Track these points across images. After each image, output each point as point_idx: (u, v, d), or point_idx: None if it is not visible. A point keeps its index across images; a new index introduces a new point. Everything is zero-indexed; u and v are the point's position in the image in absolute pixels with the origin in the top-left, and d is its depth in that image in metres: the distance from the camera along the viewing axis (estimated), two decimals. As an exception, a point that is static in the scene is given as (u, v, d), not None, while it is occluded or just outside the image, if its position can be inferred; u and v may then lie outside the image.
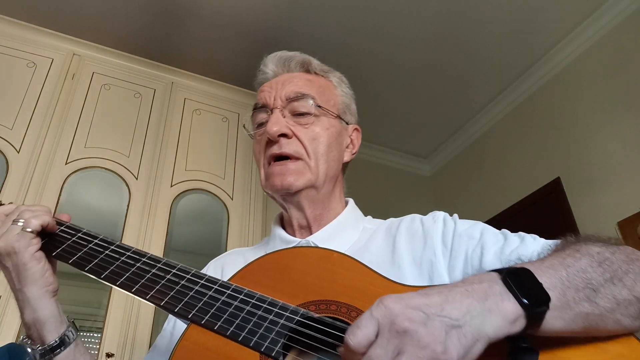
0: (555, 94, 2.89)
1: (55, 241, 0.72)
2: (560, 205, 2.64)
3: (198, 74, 2.71)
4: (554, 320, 0.50)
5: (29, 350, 0.68)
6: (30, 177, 2.04)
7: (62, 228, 0.74)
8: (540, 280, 0.50)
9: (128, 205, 2.20)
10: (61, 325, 0.69)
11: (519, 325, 0.48)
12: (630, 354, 0.52)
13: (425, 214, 0.84)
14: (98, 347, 1.91)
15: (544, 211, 2.72)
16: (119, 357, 1.88)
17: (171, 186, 2.34)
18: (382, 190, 3.50)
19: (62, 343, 0.68)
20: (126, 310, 1.97)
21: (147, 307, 2.02)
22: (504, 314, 0.47)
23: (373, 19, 2.67)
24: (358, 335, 0.46)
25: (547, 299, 0.49)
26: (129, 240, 2.10)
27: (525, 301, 0.48)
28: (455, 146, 3.63)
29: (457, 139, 3.59)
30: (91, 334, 2.16)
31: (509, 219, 2.88)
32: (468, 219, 0.79)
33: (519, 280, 0.50)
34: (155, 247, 2.13)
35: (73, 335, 0.70)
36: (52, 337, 0.67)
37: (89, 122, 2.31)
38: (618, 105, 2.49)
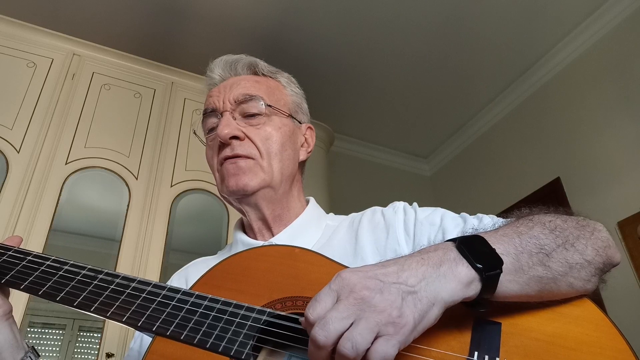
0: (555, 94, 2.89)
1: (3, 268, 0.67)
2: (560, 205, 2.63)
3: (198, 74, 2.71)
4: (508, 284, 0.52)
5: None
6: (30, 177, 2.04)
7: (9, 253, 0.69)
8: (493, 246, 0.53)
9: (128, 205, 2.20)
10: (18, 351, 0.65)
11: (474, 288, 0.50)
12: (585, 314, 0.55)
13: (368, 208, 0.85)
14: (98, 347, 1.91)
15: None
16: (119, 357, 1.88)
17: (171, 186, 2.34)
18: (382, 190, 3.50)
19: None
20: (126, 310, 1.97)
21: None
22: (458, 278, 0.49)
23: (373, 19, 2.67)
24: (317, 308, 0.47)
25: (500, 262, 0.51)
26: (129, 240, 2.10)
27: (479, 265, 0.50)
28: (455, 146, 3.63)
29: (457, 139, 3.59)
30: (91, 334, 2.16)
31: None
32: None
33: (472, 247, 0.52)
34: (155, 247, 2.13)
35: None
36: None
37: (89, 122, 2.31)
38: (618, 105, 2.49)
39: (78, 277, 0.65)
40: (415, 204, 0.82)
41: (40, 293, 0.63)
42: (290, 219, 0.85)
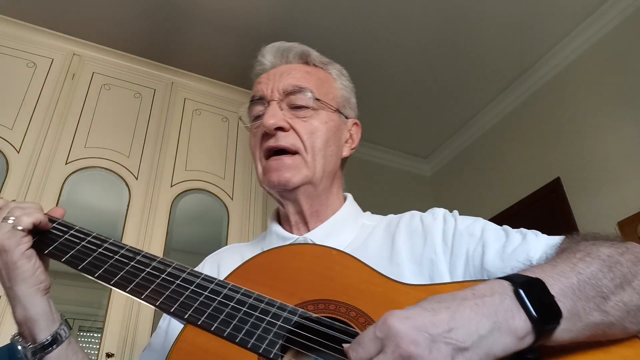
0: (555, 94, 2.89)
1: (47, 239, 0.69)
2: (560, 205, 2.64)
3: (198, 74, 2.71)
4: (562, 333, 0.48)
5: (20, 348, 0.67)
6: (30, 177, 2.04)
7: (54, 225, 0.72)
8: (552, 292, 0.49)
9: (128, 205, 2.20)
10: (53, 324, 0.67)
11: (528, 341, 0.47)
12: (634, 356, 0.51)
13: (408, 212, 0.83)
14: (98, 347, 1.91)
15: (544, 211, 2.72)
16: (119, 357, 1.88)
17: (171, 186, 2.34)
18: (382, 190, 3.50)
19: (54, 341, 0.67)
20: (126, 311, 1.97)
21: (147, 308, 2.02)
22: (514, 332, 0.46)
23: (373, 19, 2.67)
24: (360, 353, 0.45)
25: (558, 314, 0.48)
26: (129, 240, 2.10)
27: (536, 317, 0.46)
28: (455, 146, 3.63)
29: (457, 139, 3.59)
30: (91, 334, 2.16)
31: (508, 219, 2.87)
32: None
33: (533, 295, 0.48)
34: (155, 247, 2.13)
35: (65, 333, 0.68)
36: (43, 336, 0.66)
37: (89, 122, 2.31)
38: (618, 105, 2.49)
39: (116, 257, 0.66)
40: (455, 212, 0.79)
41: (79, 268, 0.66)
42: (327, 215, 0.84)
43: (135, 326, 1.96)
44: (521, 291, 0.48)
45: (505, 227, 0.72)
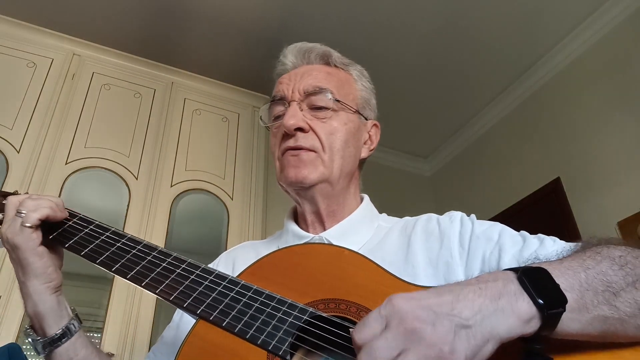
0: (555, 94, 2.89)
1: (67, 233, 0.72)
2: (560, 205, 2.64)
3: (198, 74, 2.71)
4: (570, 322, 0.48)
5: (30, 340, 0.69)
6: (30, 177, 2.04)
7: (75, 220, 0.74)
8: (557, 281, 0.49)
9: (128, 205, 2.20)
10: (61, 320, 0.69)
11: (533, 325, 0.46)
12: None
13: (425, 214, 0.83)
14: (98, 347, 1.91)
15: (544, 211, 2.72)
16: (119, 357, 1.88)
17: (171, 186, 2.34)
18: (382, 190, 3.48)
19: (63, 336, 0.69)
20: (126, 310, 1.97)
21: (147, 308, 2.02)
22: (517, 314, 0.46)
23: (373, 19, 2.67)
24: (364, 332, 0.45)
25: (563, 300, 0.48)
26: (129, 240, 2.10)
27: (541, 301, 0.46)
28: (455, 146, 3.63)
29: (457, 139, 3.59)
30: (91, 334, 2.16)
31: (509, 219, 2.86)
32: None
33: (535, 280, 0.48)
34: (155, 247, 2.13)
35: (75, 328, 0.71)
36: (52, 331, 0.68)
37: (89, 122, 2.31)
38: (618, 105, 2.49)
39: (134, 251, 0.69)
40: (473, 215, 0.78)
41: (98, 262, 0.68)
42: (343, 215, 0.84)
43: (135, 326, 1.96)
44: (524, 277, 0.48)
45: (523, 232, 0.72)
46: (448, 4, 2.58)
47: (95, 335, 2.00)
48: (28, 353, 1.04)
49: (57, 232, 0.72)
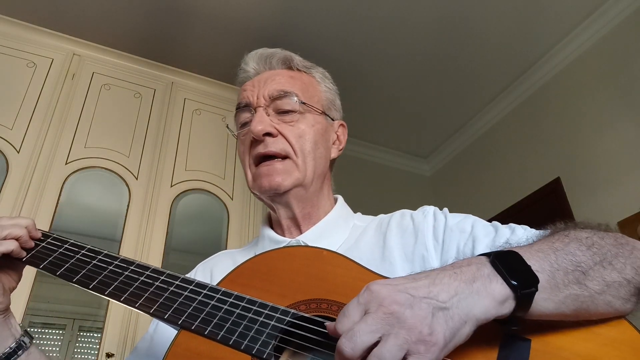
0: (555, 94, 2.89)
1: (41, 254, 0.71)
2: (560, 205, 2.64)
3: (198, 74, 2.71)
4: (543, 302, 0.50)
5: None
6: (30, 177, 2.04)
7: (49, 240, 0.73)
8: (528, 263, 0.51)
9: (128, 205, 2.20)
10: (6, 340, 0.69)
11: (508, 306, 0.49)
12: (622, 337, 0.52)
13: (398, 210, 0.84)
14: (98, 347, 1.91)
15: (544, 211, 2.72)
16: (119, 357, 1.88)
17: (171, 186, 2.34)
18: (382, 190, 3.50)
19: (10, 356, 0.68)
20: (126, 311, 1.97)
21: (147, 307, 2.02)
22: (492, 295, 0.48)
23: (373, 19, 2.67)
24: (345, 323, 0.46)
25: (535, 280, 0.49)
26: (129, 240, 2.10)
27: (514, 282, 0.48)
28: (455, 146, 3.63)
29: (457, 138, 3.59)
30: (91, 334, 2.17)
31: (508, 219, 2.85)
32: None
33: (507, 262, 0.50)
34: (155, 247, 2.13)
35: (25, 345, 0.70)
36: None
37: (89, 122, 2.31)
38: (618, 105, 2.49)
39: (110, 267, 0.68)
40: (445, 209, 0.80)
41: (74, 280, 0.67)
42: (319, 217, 0.84)
43: (135, 326, 1.96)
44: (497, 261, 0.50)
45: (495, 222, 0.74)
46: (448, 4, 2.58)
47: (95, 335, 2.00)
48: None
49: (30, 254, 0.71)
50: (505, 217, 2.92)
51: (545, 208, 2.73)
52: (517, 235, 0.68)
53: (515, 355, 0.50)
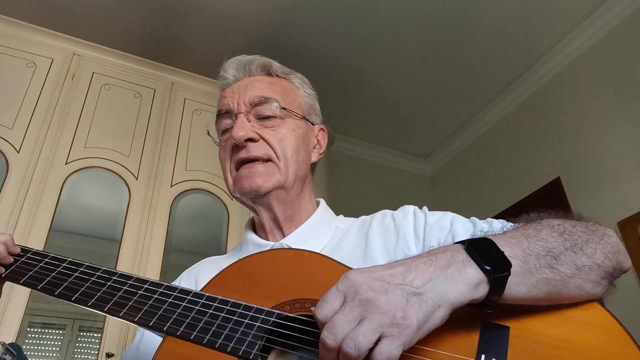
0: (555, 94, 2.89)
1: (21, 269, 0.71)
2: (560, 205, 2.64)
3: (198, 74, 2.71)
4: (516, 286, 0.52)
5: None
6: (30, 177, 2.04)
7: (28, 255, 0.73)
8: (502, 249, 0.53)
9: (128, 205, 2.20)
10: None
11: (482, 290, 0.50)
12: (595, 319, 0.55)
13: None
14: (98, 347, 1.91)
15: (544, 211, 2.72)
16: (119, 357, 1.88)
17: (171, 186, 2.34)
18: (382, 190, 3.50)
19: None
20: (126, 310, 1.97)
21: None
22: (466, 280, 0.50)
23: (373, 18, 2.67)
24: (325, 308, 0.48)
25: (508, 265, 0.52)
26: (128, 240, 2.10)
27: (487, 267, 0.50)
28: (455, 146, 3.63)
29: (457, 138, 3.59)
30: (91, 334, 2.16)
31: (508, 219, 2.88)
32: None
33: (481, 248, 0.52)
34: (155, 247, 2.13)
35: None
36: None
37: (89, 122, 2.31)
38: (619, 105, 2.49)
39: (93, 279, 0.68)
40: (425, 207, 0.82)
41: (56, 294, 0.67)
42: (301, 220, 0.86)
43: (135, 326, 1.96)
44: (471, 247, 0.53)
45: (473, 218, 0.77)
46: (447, 4, 2.58)
47: (95, 335, 2.00)
48: (28, 353, 1.04)
49: (9, 270, 0.71)
50: (505, 217, 2.91)
51: (545, 208, 2.72)
52: (494, 227, 0.71)
53: (494, 341, 0.52)
